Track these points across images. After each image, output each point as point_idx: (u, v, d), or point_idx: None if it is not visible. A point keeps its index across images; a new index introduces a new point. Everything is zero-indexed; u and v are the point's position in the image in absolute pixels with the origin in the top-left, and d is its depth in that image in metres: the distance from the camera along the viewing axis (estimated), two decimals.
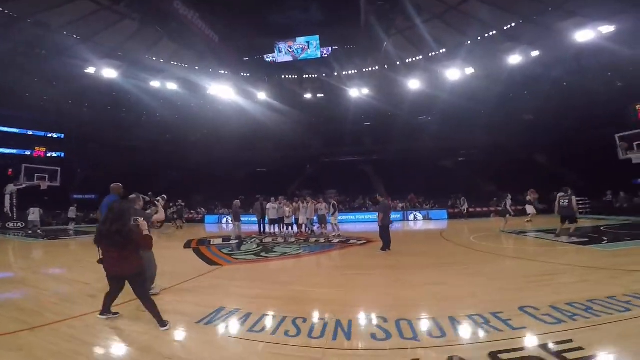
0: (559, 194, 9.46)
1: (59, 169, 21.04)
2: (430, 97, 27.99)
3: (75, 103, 27.32)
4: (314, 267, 7.27)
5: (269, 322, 3.74)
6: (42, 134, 26.68)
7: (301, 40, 20.05)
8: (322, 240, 11.27)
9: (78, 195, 24.05)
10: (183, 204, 18.98)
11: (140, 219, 3.98)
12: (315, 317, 3.89)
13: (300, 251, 9.07)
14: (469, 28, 21.56)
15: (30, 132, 26.07)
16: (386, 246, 8.38)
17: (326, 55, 20.19)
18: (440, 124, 30.66)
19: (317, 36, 19.65)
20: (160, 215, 5.04)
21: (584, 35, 19.53)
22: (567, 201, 9.21)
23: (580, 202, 18.62)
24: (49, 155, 26.24)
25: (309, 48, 19.97)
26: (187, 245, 10.91)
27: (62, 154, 27.19)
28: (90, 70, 22.41)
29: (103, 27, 20.37)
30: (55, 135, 27.45)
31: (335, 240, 11.04)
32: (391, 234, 8.51)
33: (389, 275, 6.04)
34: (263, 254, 8.76)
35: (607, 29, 18.89)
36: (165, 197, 6.49)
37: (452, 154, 31.34)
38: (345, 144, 33.39)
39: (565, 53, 21.89)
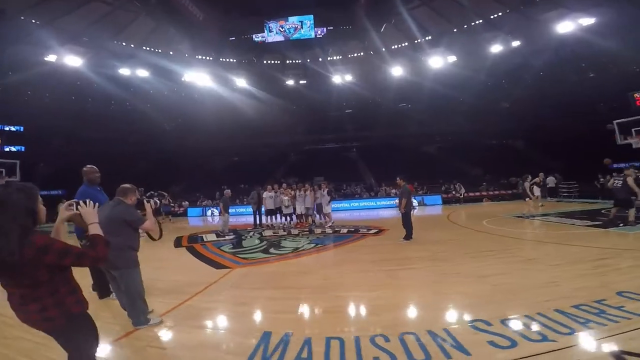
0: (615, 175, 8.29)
1: (18, 161, 18.85)
2: (413, 85, 27.94)
3: (36, 93, 25.22)
4: (341, 263, 6.17)
5: (343, 348, 2.79)
6: None
7: (294, 20, 18.81)
8: (328, 231, 10.54)
9: (42, 192, 21.69)
10: (165, 194, 17.54)
11: (89, 205, 1.99)
12: (397, 332, 3.00)
13: (312, 245, 8.20)
14: (457, 16, 21.39)
15: None
16: (409, 235, 7.81)
17: (320, 36, 19.14)
18: (421, 111, 30.68)
19: (312, 15, 18.51)
20: (149, 223, 3.51)
21: (565, 26, 19.91)
22: (621, 181, 8.03)
23: (566, 186, 19.23)
24: (7, 149, 23.54)
25: (302, 28, 18.81)
26: (177, 243, 9.53)
27: (22, 148, 24.56)
28: (52, 57, 20.51)
29: (66, 10, 18.60)
30: (13, 128, 24.73)
31: (344, 230, 10.38)
32: (398, 221, 7.93)
33: (435, 268, 5.40)
34: (272, 250, 7.80)
35: (588, 21, 19.34)
36: (158, 201, 4.79)
37: (434, 140, 31.57)
38: (328, 131, 32.78)
39: (545, 44, 22.36)
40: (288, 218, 12.39)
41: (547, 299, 3.62)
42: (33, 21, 18.76)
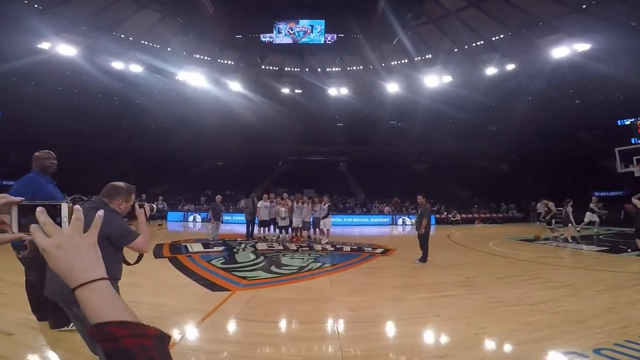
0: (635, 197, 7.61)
1: None
2: (407, 102, 27.97)
3: (20, 81, 23.88)
4: (363, 289, 5.20)
5: None
6: None
7: (305, 23, 18.51)
8: (328, 247, 9.83)
9: (9, 181, 20.18)
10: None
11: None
12: None
13: (318, 264, 7.29)
14: (460, 36, 21.55)
15: None
16: (425, 257, 7.25)
17: (330, 42, 18.79)
18: (413, 129, 30.77)
19: (323, 21, 18.24)
20: (143, 240, 2.29)
21: (560, 52, 20.11)
22: None
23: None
24: None
25: (312, 32, 18.48)
26: (158, 253, 8.01)
27: None
28: (45, 45, 19.39)
29: None
30: None
31: (347, 248, 9.70)
32: (402, 240, 7.37)
33: (473, 295, 4.80)
34: (273, 268, 6.79)
35: (583, 47, 19.54)
36: (154, 206, 3.06)
37: (424, 160, 31.67)
38: (319, 142, 32.46)
39: (540, 68, 22.80)
40: (283, 231, 11.59)
41: (622, 326, 3.43)
42: (35, 6, 17.95)
